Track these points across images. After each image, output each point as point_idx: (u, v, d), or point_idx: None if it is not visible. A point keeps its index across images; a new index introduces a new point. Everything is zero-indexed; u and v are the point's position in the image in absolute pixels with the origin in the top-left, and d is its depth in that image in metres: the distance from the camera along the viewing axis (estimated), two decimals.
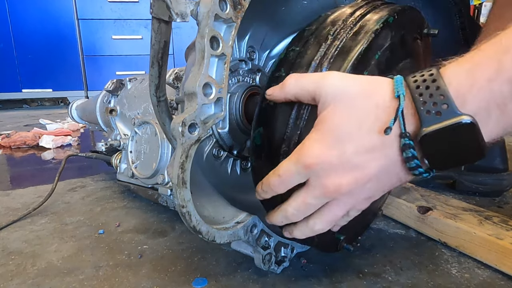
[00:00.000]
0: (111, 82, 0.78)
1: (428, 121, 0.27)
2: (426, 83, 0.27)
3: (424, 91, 0.27)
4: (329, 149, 0.30)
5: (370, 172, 0.30)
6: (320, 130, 0.31)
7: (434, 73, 0.27)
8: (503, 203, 0.70)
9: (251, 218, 0.43)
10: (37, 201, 0.73)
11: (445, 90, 0.26)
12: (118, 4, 2.67)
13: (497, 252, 0.47)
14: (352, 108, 0.30)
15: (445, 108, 0.26)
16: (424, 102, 0.27)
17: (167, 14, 0.34)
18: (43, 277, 0.47)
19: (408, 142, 0.28)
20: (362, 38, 0.35)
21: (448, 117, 0.26)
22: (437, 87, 0.27)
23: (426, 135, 0.27)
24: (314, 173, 0.31)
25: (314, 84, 0.32)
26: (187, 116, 0.33)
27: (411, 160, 0.28)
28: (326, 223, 0.34)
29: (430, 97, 0.27)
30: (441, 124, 0.26)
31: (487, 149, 0.27)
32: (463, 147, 0.27)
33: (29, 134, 1.41)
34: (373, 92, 0.30)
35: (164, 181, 0.54)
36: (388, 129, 0.28)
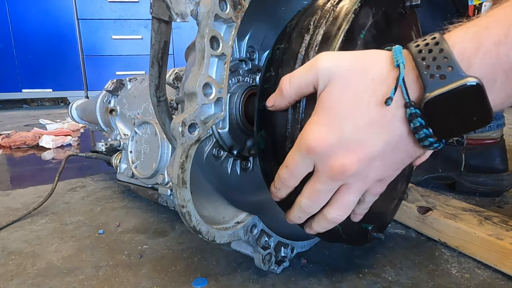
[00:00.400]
0: (111, 82, 0.78)
1: (432, 86, 0.25)
2: (429, 46, 0.26)
3: (427, 55, 0.26)
4: (327, 130, 0.29)
5: (374, 149, 0.28)
6: (317, 113, 0.30)
7: (437, 36, 0.26)
8: (503, 203, 0.70)
9: (251, 218, 0.43)
10: (37, 201, 0.73)
11: (449, 52, 0.25)
12: (118, 4, 2.67)
13: (497, 252, 0.47)
14: (347, 85, 0.29)
15: (450, 71, 0.25)
16: (427, 66, 0.25)
17: (167, 14, 0.34)
18: (43, 277, 0.47)
19: (415, 111, 0.26)
20: (343, 20, 0.34)
21: (453, 80, 0.24)
22: (440, 49, 0.25)
23: (430, 101, 0.25)
24: (318, 158, 0.30)
25: (307, 74, 0.31)
26: (187, 116, 0.33)
27: (420, 130, 0.27)
28: (341, 210, 0.33)
29: (433, 60, 0.25)
30: (446, 88, 0.25)
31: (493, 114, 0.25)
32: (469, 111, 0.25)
33: (29, 134, 1.41)
34: (368, 66, 0.29)
35: (164, 181, 0.54)
36: (389, 100, 0.27)
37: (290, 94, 0.33)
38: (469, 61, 0.24)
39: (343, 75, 0.29)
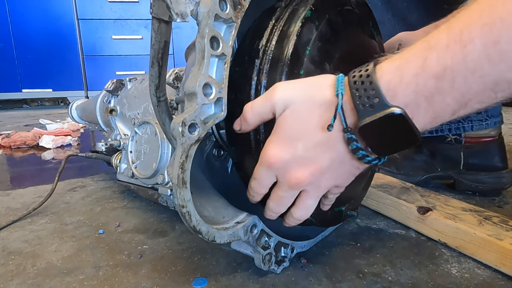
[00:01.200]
0: (111, 82, 0.78)
1: (363, 114, 0.30)
2: (362, 78, 0.30)
3: (360, 87, 0.30)
4: (283, 148, 0.34)
5: (322, 164, 0.33)
6: (275, 134, 0.35)
7: (369, 69, 0.30)
8: (503, 203, 0.70)
9: (251, 218, 0.43)
10: (37, 201, 0.73)
11: (377, 85, 0.29)
12: (118, 4, 2.67)
13: (497, 253, 0.47)
14: (299, 111, 0.33)
15: (377, 102, 0.29)
16: (359, 97, 0.30)
17: (167, 14, 0.34)
18: (43, 277, 0.47)
19: (351, 136, 0.31)
20: (286, 44, 0.37)
21: (380, 109, 0.29)
22: (370, 82, 0.29)
23: (363, 126, 0.30)
24: (278, 171, 0.35)
25: (266, 105, 0.35)
26: (187, 116, 0.33)
27: (357, 151, 0.31)
28: (303, 210, 0.38)
29: (364, 92, 0.29)
30: (374, 116, 0.29)
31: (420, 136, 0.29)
32: (398, 134, 0.30)
33: (29, 134, 1.41)
34: (316, 94, 0.33)
35: (164, 181, 0.54)
36: (330, 126, 0.31)
37: (253, 120, 0.37)
38: (395, 91, 0.29)
39: (294, 103, 0.33)
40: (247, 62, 0.39)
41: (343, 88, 0.31)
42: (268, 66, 0.38)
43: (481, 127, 0.72)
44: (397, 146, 0.31)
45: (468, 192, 0.75)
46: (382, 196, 0.65)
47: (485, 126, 0.72)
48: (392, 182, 0.71)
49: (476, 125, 0.72)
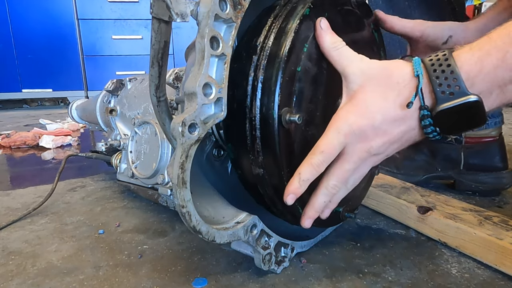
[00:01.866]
0: (111, 82, 0.78)
1: (443, 100, 0.32)
2: (442, 67, 0.33)
3: (440, 74, 0.32)
4: (362, 118, 0.36)
5: (395, 136, 0.36)
6: (353, 104, 0.36)
7: (448, 58, 0.33)
8: (503, 203, 0.70)
9: (251, 218, 0.43)
10: (37, 201, 0.73)
11: (458, 74, 0.32)
12: (118, 4, 2.67)
13: (497, 252, 0.47)
14: (378, 85, 0.35)
15: (457, 89, 0.32)
16: (440, 84, 0.32)
17: (167, 14, 0.34)
18: (43, 277, 0.47)
19: (427, 113, 0.34)
20: (284, 40, 0.37)
21: (460, 97, 0.32)
22: (451, 71, 0.32)
23: (441, 111, 0.33)
24: (352, 140, 0.36)
25: (342, 66, 0.38)
26: (187, 116, 0.33)
27: (428, 127, 0.34)
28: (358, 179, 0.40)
29: (445, 80, 0.32)
30: (453, 102, 0.32)
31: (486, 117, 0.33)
32: (469, 118, 0.33)
33: (29, 134, 1.41)
34: (393, 72, 0.35)
35: (164, 181, 0.54)
36: (410, 104, 0.34)
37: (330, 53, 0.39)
38: (473, 81, 0.32)
39: (375, 78, 0.36)
40: (244, 59, 0.39)
41: (422, 70, 0.34)
42: (265, 62, 0.38)
43: (481, 127, 0.72)
44: (464, 128, 0.34)
45: (468, 192, 0.75)
46: (382, 196, 0.65)
47: (485, 126, 0.71)
48: (392, 182, 0.71)
49: None
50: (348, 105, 0.37)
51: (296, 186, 0.37)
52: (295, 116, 0.37)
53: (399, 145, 0.37)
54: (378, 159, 0.39)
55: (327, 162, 0.37)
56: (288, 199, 0.38)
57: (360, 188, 0.54)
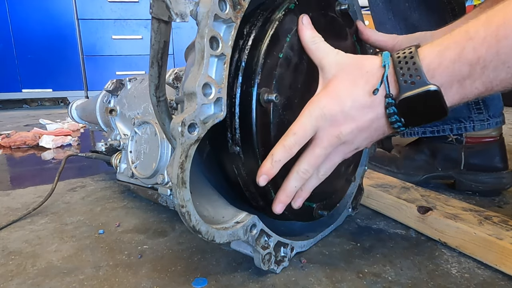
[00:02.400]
0: (111, 82, 0.78)
1: (405, 88, 0.35)
2: (406, 59, 0.35)
3: (404, 65, 0.35)
4: (333, 103, 0.38)
5: (363, 123, 0.38)
6: (326, 91, 0.39)
7: (412, 51, 0.35)
8: (503, 203, 0.70)
9: (251, 218, 0.43)
10: (37, 201, 0.73)
11: (419, 65, 0.34)
12: (118, 4, 2.67)
13: (497, 252, 0.47)
14: (349, 74, 0.38)
15: (418, 79, 0.34)
16: (403, 74, 0.35)
17: (167, 14, 0.34)
18: (43, 277, 0.47)
19: (391, 101, 0.36)
20: (268, 27, 0.40)
21: (420, 86, 0.34)
22: (413, 62, 0.34)
23: (403, 99, 0.35)
24: (324, 123, 0.38)
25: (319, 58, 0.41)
26: (187, 116, 0.33)
27: (392, 116, 0.36)
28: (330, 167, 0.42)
29: (407, 70, 0.35)
30: (414, 91, 0.34)
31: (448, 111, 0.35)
32: (430, 108, 0.35)
33: (29, 134, 1.41)
34: (364, 63, 0.38)
35: (163, 181, 0.54)
36: (376, 90, 0.36)
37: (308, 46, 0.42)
38: (433, 73, 0.34)
39: (347, 66, 0.39)
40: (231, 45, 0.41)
41: (389, 62, 0.36)
42: (250, 44, 0.39)
43: (482, 127, 0.72)
44: (426, 118, 0.36)
45: (468, 192, 0.75)
46: (382, 196, 0.65)
47: (486, 126, 0.71)
48: (392, 182, 0.71)
49: (477, 125, 0.72)
50: (322, 92, 0.39)
51: (268, 167, 0.38)
52: (273, 95, 0.38)
53: (367, 134, 0.39)
54: (348, 149, 0.40)
55: (299, 145, 0.38)
56: (260, 180, 0.38)
57: (338, 185, 0.56)
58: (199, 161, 0.44)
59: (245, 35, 0.40)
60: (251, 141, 0.40)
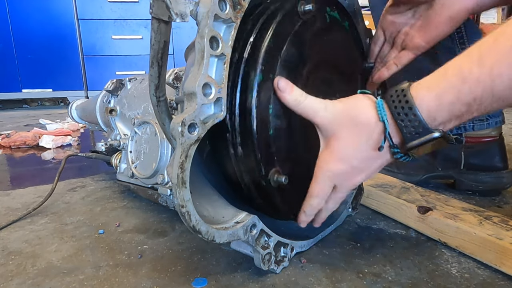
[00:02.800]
0: (111, 82, 0.78)
1: (410, 139, 0.37)
2: (404, 110, 0.36)
3: (404, 118, 0.36)
4: (341, 164, 0.40)
5: (374, 170, 0.42)
6: (330, 152, 0.41)
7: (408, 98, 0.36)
8: (503, 203, 0.70)
9: (251, 218, 0.43)
10: (37, 201, 0.73)
11: (421, 117, 0.35)
12: (118, 4, 2.67)
13: (497, 252, 0.47)
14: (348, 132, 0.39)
15: (421, 130, 0.36)
16: (405, 126, 0.36)
17: (167, 14, 0.34)
18: (43, 277, 0.47)
19: (397, 150, 0.38)
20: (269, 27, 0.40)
21: (424, 135, 0.36)
22: (413, 114, 0.36)
23: (409, 148, 0.37)
24: (339, 179, 0.42)
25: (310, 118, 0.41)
26: (187, 116, 0.33)
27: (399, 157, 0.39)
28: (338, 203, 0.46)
29: (409, 122, 0.36)
30: (419, 140, 0.36)
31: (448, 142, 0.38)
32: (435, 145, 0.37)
33: (29, 134, 1.41)
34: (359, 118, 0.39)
35: (163, 181, 0.54)
36: (381, 147, 0.38)
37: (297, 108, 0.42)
38: (434, 116, 0.35)
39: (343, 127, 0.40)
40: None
41: (386, 114, 0.37)
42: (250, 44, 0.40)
43: (482, 127, 0.72)
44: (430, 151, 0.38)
45: (468, 192, 0.75)
46: (382, 196, 0.65)
47: (486, 126, 0.71)
48: (392, 182, 0.71)
49: (477, 125, 0.72)
50: (326, 153, 0.41)
51: (305, 219, 0.46)
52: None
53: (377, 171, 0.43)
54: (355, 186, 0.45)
55: (323, 200, 0.44)
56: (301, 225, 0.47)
57: None
58: (199, 161, 0.44)
59: (245, 34, 0.40)
60: (251, 141, 0.39)
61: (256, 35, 0.40)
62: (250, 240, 0.43)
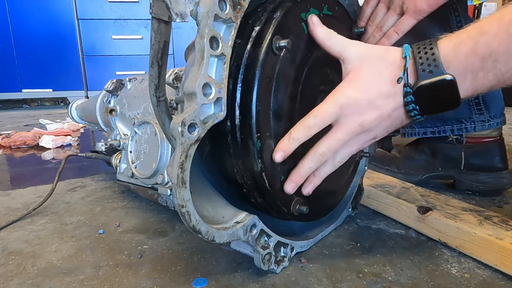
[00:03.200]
0: (111, 82, 0.78)
1: (423, 77, 0.36)
2: (426, 49, 0.37)
3: (423, 55, 0.37)
4: (358, 92, 0.39)
5: (386, 112, 0.39)
6: (351, 80, 0.40)
7: (432, 43, 0.37)
8: (503, 203, 0.70)
9: (251, 218, 0.43)
10: (37, 201, 0.73)
11: (438, 56, 0.36)
12: (118, 4, 2.67)
13: (497, 252, 0.47)
14: (373, 65, 0.39)
15: (436, 69, 0.36)
16: (421, 63, 0.37)
17: (167, 14, 0.34)
18: (43, 277, 0.47)
19: (409, 90, 0.37)
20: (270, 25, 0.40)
21: (437, 75, 0.36)
22: (432, 53, 0.36)
23: (420, 86, 0.37)
24: (345, 113, 0.39)
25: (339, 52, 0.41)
26: (187, 116, 0.33)
27: (410, 104, 0.38)
28: (348, 153, 0.42)
29: (426, 60, 0.37)
30: (431, 80, 0.36)
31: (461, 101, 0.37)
32: (445, 97, 0.37)
33: (29, 134, 1.41)
34: (387, 55, 0.39)
35: (163, 181, 0.54)
36: (400, 79, 0.38)
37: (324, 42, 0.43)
38: (449, 63, 0.36)
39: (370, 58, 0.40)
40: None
41: (409, 53, 0.38)
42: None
43: (483, 128, 0.72)
44: (440, 108, 0.38)
45: (468, 192, 0.75)
46: (382, 196, 0.65)
47: (487, 127, 0.71)
48: (392, 182, 0.71)
49: (478, 125, 0.72)
50: (346, 82, 0.40)
51: (285, 143, 0.40)
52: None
53: (388, 123, 0.40)
54: (367, 138, 0.41)
55: (319, 127, 0.40)
56: (277, 156, 0.40)
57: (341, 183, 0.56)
58: (199, 161, 0.44)
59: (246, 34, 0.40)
60: (252, 140, 0.39)
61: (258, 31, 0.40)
62: (250, 240, 0.43)
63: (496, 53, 0.33)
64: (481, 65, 0.34)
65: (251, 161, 0.40)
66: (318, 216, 0.55)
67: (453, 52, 0.35)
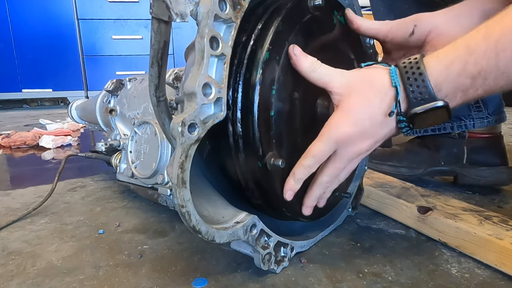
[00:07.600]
0: (111, 82, 0.78)
1: (415, 104, 0.37)
2: (415, 75, 0.37)
3: (413, 82, 0.37)
4: (352, 126, 0.39)
5: (380, 137, 0.41)
6: (341, 113, 0.40)
7: (419, 63, 0.37)
8: (503, 203, 0.70)
9: (251, 218, 0.43)
10: (37, 201, 0.73)
11: (428, 84, 0.36)
12: (118, 4, 2.68)
13: (497, 252, 0.47)
14: (362, 94, 0.39)
15: (427, 97, 0.37)
16: (412, 91, 0.37)
17: (167, 14, 0.34)
18: (43, 277, 0.47)
19: (402, 118, 0.39)
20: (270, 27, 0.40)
21: (429, 102, 0.37)
22: (422, 80, 0.37)
23: (413, 114, 0.38)
24: (341, 146, 0.41)
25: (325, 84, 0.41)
26: (187, 116, 0.33)
27: (402, 126, 0.40)
28: (348, 174, 0.45)
29: (417, 88, 0.37)
30: (424, 107, 0.37)
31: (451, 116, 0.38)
32: (437, 117, 0.38)
33: (29, 134, 1.41)
34: (373, 80, 0.39)
35: (163, 181, 0.54)
36: (392, 113, 0.39)
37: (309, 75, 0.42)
38: (440, 86, 0.36)
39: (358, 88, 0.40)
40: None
41: (398, 80, 0.38)
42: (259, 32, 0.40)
43: (482, 125, 0.73)
44: (432, 124, 0.39)
45: (468, 192, 0.75)
46: (382, 196, 0.65)
47: (486, 123, 0.73)
48: (392, 182, 0.71)
49: (477, 122, 0.73)
50: (337, 115, 0.40)
51: (292, 184, 0.43)
52: None
53: (381, 142, 0.43)
54: (364, 155, 0.43)
55: (318, 164, 0.42)
56: (287, 195, 0.43)
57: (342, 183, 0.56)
58: (199, 161, 0.44)
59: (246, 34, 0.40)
60: (253, 140, 0.39)
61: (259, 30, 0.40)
62: (250, 240, 0.43)
63: (485, 71, 0.34)
64: (471, 84, 0.35)
65: (252, 161, 0.40)
66: (319, 216, 0.55)
67: (444, 74, 0.36)
